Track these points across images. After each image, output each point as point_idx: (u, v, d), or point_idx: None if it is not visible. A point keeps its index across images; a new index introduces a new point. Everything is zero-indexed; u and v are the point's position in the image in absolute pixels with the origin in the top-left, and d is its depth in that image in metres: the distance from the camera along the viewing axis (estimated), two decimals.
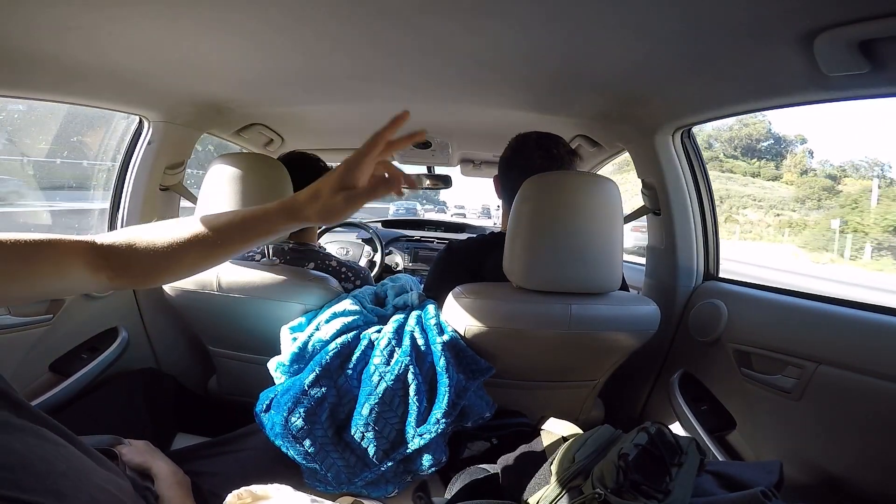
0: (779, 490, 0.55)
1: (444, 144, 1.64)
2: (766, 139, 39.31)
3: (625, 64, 0.79)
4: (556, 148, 0.97)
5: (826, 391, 0.78)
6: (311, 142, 1.68)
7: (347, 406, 0.77)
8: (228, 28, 0.71)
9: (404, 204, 20.85)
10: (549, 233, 0.77)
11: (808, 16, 0.56)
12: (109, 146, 1.30)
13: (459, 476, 0.73)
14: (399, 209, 18.41)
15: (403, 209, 18.62)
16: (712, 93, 0.87)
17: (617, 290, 0.83)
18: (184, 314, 1.02)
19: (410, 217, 6.41)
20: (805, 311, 0.86)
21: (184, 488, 0.68)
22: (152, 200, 1.18)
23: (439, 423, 0.74)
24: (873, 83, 0.65)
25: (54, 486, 0.35)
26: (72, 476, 0.38)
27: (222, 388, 1.17)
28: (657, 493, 0.51)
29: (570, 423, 0.78)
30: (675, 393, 1.04)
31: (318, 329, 0.83)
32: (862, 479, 0.72)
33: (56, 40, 0.74)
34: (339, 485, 0.75)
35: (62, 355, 1.03)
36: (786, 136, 39.44)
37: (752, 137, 38.99)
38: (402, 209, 18.60)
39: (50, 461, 0.38)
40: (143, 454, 0.70)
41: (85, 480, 0.40)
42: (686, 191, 1.10)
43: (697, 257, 1.13)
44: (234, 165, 0.89)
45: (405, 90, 1.02)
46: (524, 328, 0.80)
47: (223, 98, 1.12)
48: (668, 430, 0.61)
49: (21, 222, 2.18)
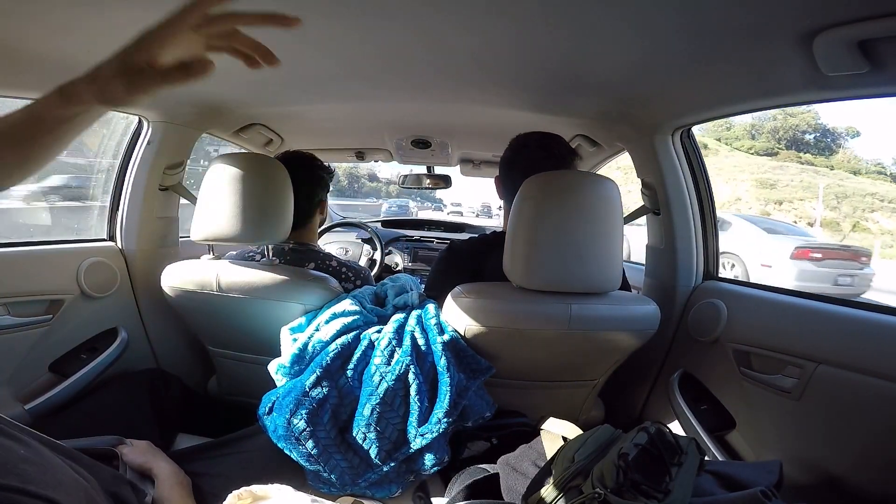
0: (778, 490, 0.56)
1: (443, 144, 1.64)
2: (814, 131, 33.91)
3: (624, 64, 0.79)
4: (556, 147, 0.97)
5: (826, 391, 0.78)
6: (311, 141, 1.68)
7: (349, 407, 0.77)
8: None
9: (396, 202, 21.09)
10: (549, 232, 0.77)
11: (807, 16, 0.56)
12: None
13: (459, 476, 0.73)
14: (391, 206, 18.63)
15: (396, 206, 18.82)
16: (712, 93, 0.87)
17: (617, 290, 0.83)
18: (183, 314, 1.02)
19: (404, 216, 6.35)
20: (805, 310, 0.86)
21: (184, 488, 0.69)
22: (152, 200, 1.18)
23: (441, 423, 0.74)
24: (872, 83, 0.65)
25: (16, 469, 0.36)
26: (34, 461, 0.39)
27: (222, 389, 1.17)
28: (657, 492, 0.52)
29: (570, 423, 0.78)
30: (675, 393, 1.04)
31: (318, 330, 0.83)
32: (862, 479, 0.72)
33: (55, 40, 0.74)
34: (342, 486, 0.76)
35: (62, 356, 1.03)
36: (834, 127, 34.25)
37: (799, 129, 33.78)
38: (395, 206, 18.81)
39: (9, 449, 0.38)
40: (144, 454, 0.70)
41: (49, 467, 0.40)
42: (686, 190, 1.10)
43: (697, 257, 1.13)
44: (233, 165, 0.89)
45: (405, 90, 1.02)
46: (524, 328, 0.80)
47: (222, 98, 1.12)
48: (668, 430, 0.61)
49: (21, 222, 2.19)
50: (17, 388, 0.94)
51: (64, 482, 0.40)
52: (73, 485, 0.41)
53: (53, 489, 0.37)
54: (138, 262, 1.17)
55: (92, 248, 1.12)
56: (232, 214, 0.88)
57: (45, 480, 0.37)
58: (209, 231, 0.89)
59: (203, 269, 0.92)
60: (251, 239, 0.90)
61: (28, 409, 0.94)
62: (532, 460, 0.69)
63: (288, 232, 0.93)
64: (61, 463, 0.44)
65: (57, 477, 0.40)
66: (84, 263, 1.05)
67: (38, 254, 1.02)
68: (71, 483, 0.41)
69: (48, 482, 0.37)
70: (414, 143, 1.62)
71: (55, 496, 0.36)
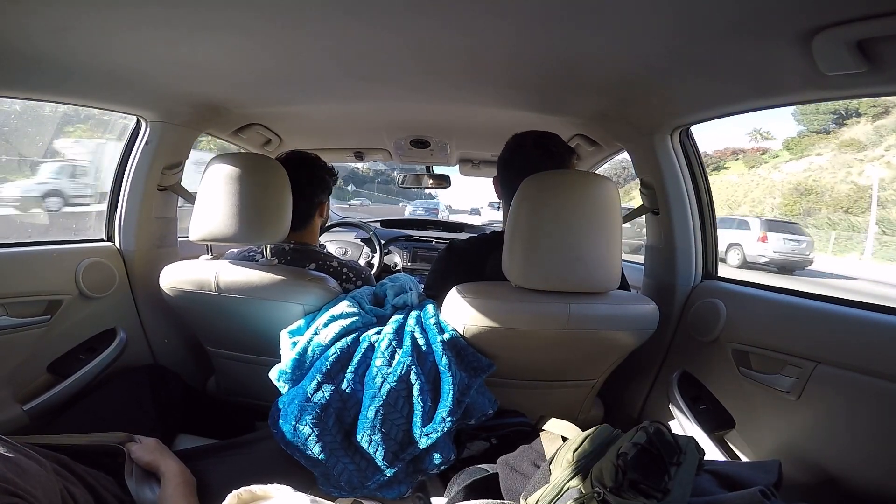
0: (778, 489, 0.56)
1: (442, 144, 1.64)
2: None
3: (623, 63, 0.79)
4: (554, 146, 0.97)
5: (825, 390, 0.78)
6: (310, 141, 1.67)
7: (353, 410, 0.77)
8: (226, 28, 0.70)
9: (422, 203, 18.87)
10: (547, 232, 0.77)
11: (806, 15, 0.56)
12: None
13: (459, 476, 0.73)
14: (416, 209, 16.77)
15: (422, 209, 16.92)
16: (711, 92, 0.87)
17: (616, 290, 0.83)
18: (182, 314, 1.02)
19: (413, 217, 6.26)
20: (804, 310, 0.86)
21: (189, 488, 0.69)
22: (150, 200, 1.18)
23: (445, 422, 0.74)
24: (871, 82, 0.65)
25: None
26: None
27: (221, 389, 1.16)
28: (656, 492, 0.52)
29: (569, 423, 0.78)
30: (674, 392, 1.04)
31: (317, 333, 0.83)
32: (861, 478, 0.72)
33: (54, 41, 0.74)
34: (352, 489, 0.76)
35: (60, 356, 1.03)
36: None
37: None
38: (421, 209, 16.95)
39: None
40: (152, 452, 0.71)
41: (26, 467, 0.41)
42: (685, 190, 1.10)
43: (696, 256, 1.13)
44: (231, 165, 0.89)
45: (403, 90, 1.02)
46: (523, 327, 0.80)
47: (221, 98, 1.12)
48: (667, 430, 0.61)
49: (20, 223, 2.18)
50: (16, 388, 0.94)
51: (41, 481, 0.41)
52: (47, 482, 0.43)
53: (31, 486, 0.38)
54: (137, 263, 1.17)
55: (90, 249, 1.11)
56: (229, 214, 0.87)
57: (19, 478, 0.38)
58: (207, 231, 0.89)
59: (201, 269, 0.92)
60: (249, 239, 0.89)
61: (26, 410, 0.94)
62: (531, 460, 0.69)
63: (286, 232, 0.92)
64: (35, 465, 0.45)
65: (20, 465, 0.41)
66: (82, 263, 1.05)
67: (37, 254, 1.02)
68: (45, 480, 0.43)
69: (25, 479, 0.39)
70: (413, 142, 1.62)
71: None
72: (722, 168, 20.00)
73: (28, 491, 0.43)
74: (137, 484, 0.67)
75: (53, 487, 0.48)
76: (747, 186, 18.20)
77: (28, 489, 0.43)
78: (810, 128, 18.96)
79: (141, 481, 0.68)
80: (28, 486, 0.44)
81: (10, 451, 0.47)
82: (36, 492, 0.44)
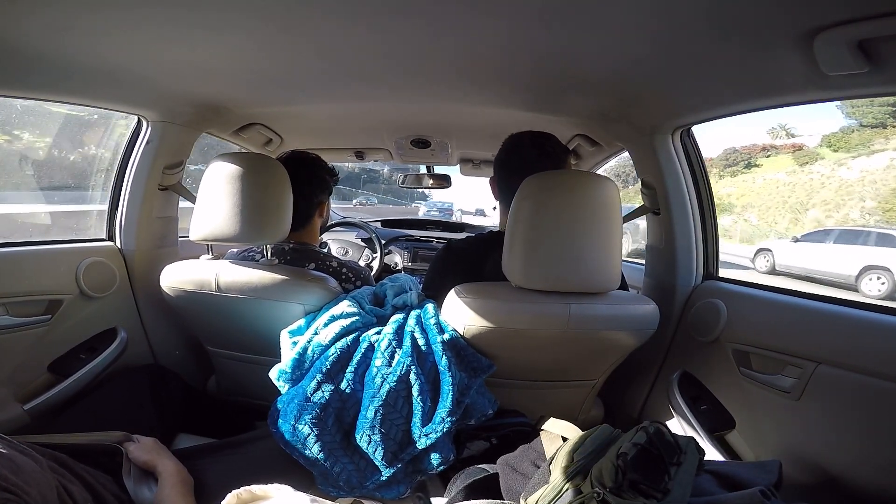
0: (778, 489, 0.56)
1: (443, 144, 1.64)
2: None
3: (624, 63, 0.79)
4: (550, 146, 0.97)
5: (825, 391, 0.78)
6: (311, 141, 1.67)
7: (352, 410, 0.77)
8: (227, 28, 0.71)
9: (437, 204, 17.47)
10: (547, 232, 0.77)
11: (807, 15, 0.56)
12: None
13: (459, 476, 0.73)
14: (431, 210, 15.62)
15: (437, 210, 15.68)
16: (712, 92, 0.87)
17: (616, 290, 0.83)
18: (182, 314, 1.02)
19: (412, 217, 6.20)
20: (804, 310, 0.86)
21: (186, 486, 0.69)
22: (151, 200, 1.18)
23: (445, 422, 0.74)
24: (872, 82, 0.65)
25: None
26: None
27: (221, 389, 1.16)
28: (656, 492, 0.51)
29: (569, 423, 0.78)
30: (675, 392, 1.04)
31: (317, 333, 0.83)
32: (861, 479, 0.72)
33: (55, 40, 0.74)
34: (351, 489, 0.76)
35: (61, 356, 1.03)
36: None
37: None
38: (435, 210, 15.74)
39: None
40: (150, 452, 0.71)
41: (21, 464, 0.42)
42: (685, 190, 1.10)
43: (697, 257, 1.12)
44: (232, 164, 0.89)
45: (403, 90, 1.02)
46: (523, 328, 0.80)
47: (221, 98, 1.12)
48: (667, 430, 0.61)
49: (20, 222, 2.18)
50: (16, 387, 0.94)
51: (14, 460, 0.41)
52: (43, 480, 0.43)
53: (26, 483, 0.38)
54: (137, 262, 1.17)
55: (91, 248, 1.12)
56: (229, 214, 0.87)
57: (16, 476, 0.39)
58: (207, 231, 0.89)
59: (202, 268, 0.92)
60: (249, 239, 0.89)
61: (27, 409, 0.94)
62: (531, 460, 0.69)
63: (287, 232, 0.92)
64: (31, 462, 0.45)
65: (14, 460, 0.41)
66: (83, 263, 1.05)
67: (37, 253, 1.02)
68: (40, 477, 0.43)
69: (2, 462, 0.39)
70: (414, 142, 1.62)
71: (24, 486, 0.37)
72: (754, 165, 17.75)
73: (21, 487, 0.43)
74: (135, 483, 0.68)
75: (49, 484, 0.48)
76: (809, 186, 15.23)
77: (21, 485, 0.43)
78: (863, 122, 16.28)
79: (139, 480, 0.68)
80: (21, 482, 0.44)
81: (6, 447, 0.48)
82: (30, 488, 0.44)
